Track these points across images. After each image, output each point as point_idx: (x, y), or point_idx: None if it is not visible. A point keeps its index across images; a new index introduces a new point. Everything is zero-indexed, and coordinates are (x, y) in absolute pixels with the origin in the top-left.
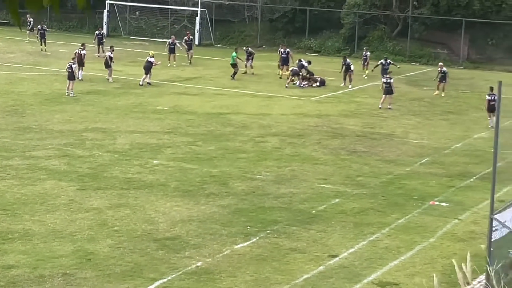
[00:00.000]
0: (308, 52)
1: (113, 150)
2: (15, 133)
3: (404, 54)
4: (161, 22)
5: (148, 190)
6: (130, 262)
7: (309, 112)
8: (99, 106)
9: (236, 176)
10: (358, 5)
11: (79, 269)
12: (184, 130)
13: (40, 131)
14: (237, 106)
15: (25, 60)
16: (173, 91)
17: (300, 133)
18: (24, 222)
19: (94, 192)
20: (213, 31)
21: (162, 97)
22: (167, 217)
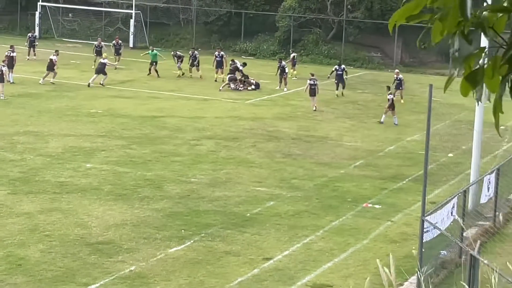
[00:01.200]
0: (243, 55)
1: (45, 153)
2: None
3: (339, 58)
4: (95, 24)
5: (81, 194)
6: (62, 267)
7: (244, 115)
8: (30, 109)
9: (171, 179)
10: (293, 8)
11: (9, 274)
12: (119, 133)
13: None
14: (172, 109)
15: None
16: (107, 94)
17: (235, 136)
18: None
19: (26, 196)
20: (148, 33)
21: (96, 100)
22: (100, 221)
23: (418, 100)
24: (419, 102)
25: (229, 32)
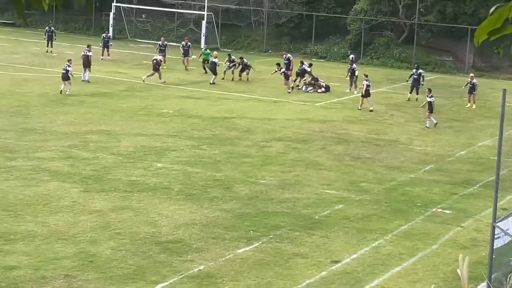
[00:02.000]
0: (314, 58)
1: (117, 152)
2: (19, 134)
3: (410, 61)
4: (167, 25)
5: (152, 193)
6: (132, 264)
7: (314, 117)
8: (104, 108)
9: (240, 180)
10: (364, 11)
11: (81, 271)
12: (189, 134)
13: (44, 132)
14: (242, 110)
15: (30, 61)
16: (179, 95)
17: (304, 139)
18: (26, 223)
19: (98, 194)
20: (219, 35)
21: (167, 100)
22: (170, 220)
23: (490, 105)
24: (491, 107)
25: (300, 34)
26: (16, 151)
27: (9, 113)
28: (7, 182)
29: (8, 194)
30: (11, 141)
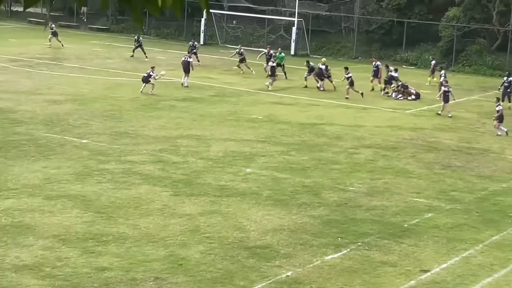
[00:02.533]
0: (404, 65)
1: (207, 157)
2: (112, 137)
3: (503, 69)
4: (258, 31)
5: (241, 198)
6: (221, 269)
7: (403, 125)
8: (194, 113)
9: (329, 187)
10: (457, 18)
11: (171, 274)
12: (278, 140)
13: (136, 136)
14: (331, 117)
15: (123, 66)
16: (268, 101)
17: (394, 146)
18: (118, 226)
19: (187, 198)
20: (309, 41)
21: (257, 106)
22: (258, 225)
23: None
24: None
25: (391, 41)
26: (109, 154)
27: (103, 117)
28: (99, 185)
29: (100, 196)
30: (104, 144)
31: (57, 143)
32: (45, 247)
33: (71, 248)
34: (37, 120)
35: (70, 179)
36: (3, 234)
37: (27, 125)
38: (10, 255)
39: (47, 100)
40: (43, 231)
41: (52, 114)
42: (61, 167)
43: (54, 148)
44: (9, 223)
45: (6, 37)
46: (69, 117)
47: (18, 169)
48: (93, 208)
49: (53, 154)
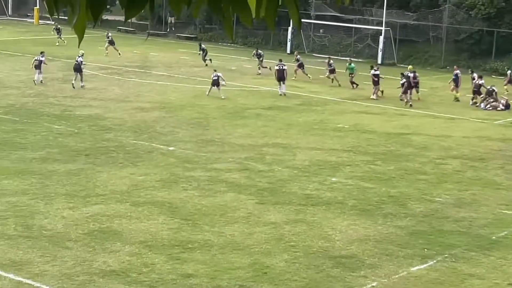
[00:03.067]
0: (493, 75)
1: (292, 166)
2: (198, 145)
3: None
4: (344, 40)
5: (326, 207)
6: (305, 278)
7: (492, 135)
8: (280, 121)
9: (415, 197)
10: None
11: (255, 282)
12: (364, 149)
13: (222, 144)
14: (418, 126)
15: (210, 74)
16: (354, 110)
17: (482, 157)
18: (203, 233)
19: (273, 207)
20: (397, 50)
21: (343, 115)
22: (343, 235)
23: None
24: None
25: (480, 50)
26: (195, 162)
27: (190, 124)
28: (185, 192)
29: (186, 203)
30: (190, 152)
31: (145, 150)
32: (131, 253)
33: (157, 254)
34: (125, 127)
35: (157, 186)
36: (91, 240)
37: (116, 132)
38: (97, 260)
39: (135, 108)
40: (130, 237)
41: (140, 121)
42: (148, 173)
43: (142, 155)
44: (97, 228)
45: (96, 45)
46: (156, 124)
47: (106, 175)
48: (179, 215)
49: (141, 161)
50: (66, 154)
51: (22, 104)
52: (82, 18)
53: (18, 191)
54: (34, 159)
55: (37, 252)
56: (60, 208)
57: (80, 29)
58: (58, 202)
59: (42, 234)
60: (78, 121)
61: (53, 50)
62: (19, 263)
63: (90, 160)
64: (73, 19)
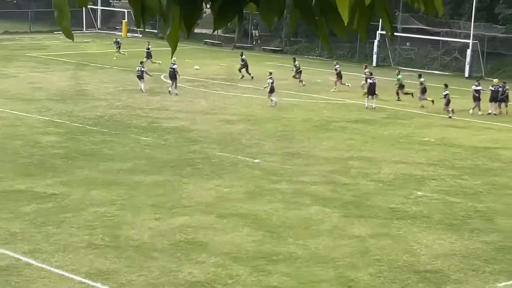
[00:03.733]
0: None
1: (377, 179)
2: (283, 157)
3: None
4: (431, 53)
5: (411, 221)
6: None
7: None
8: (365, 135)
9: (503, 212)
10: None
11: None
12: (450, 163)
13: (307, 157)
14: (506, 140)
15: (296, 87)
16: (441, 123)
17: None
18: (288, 245)
19: (357, 220)
20: (484, 64)
21: (429, 129)
22: (429, 249)
23: None
24: None
25: None
26: (280, 174)
27: (275, 137)
28: (270, 204)
29: (271, 216)
30: (276, 164)
31: (230, 162)
32: (216, 264)
33: (242, 266)
34: (211, 139)
35: (242, 198)
36: (177, 250)
37: (202, 143)
38: (183, 270)
39: (221, 120)
40: (215, 249)
41: (226, 134)
42: (233, 186)
43: (227, 167)
44: (183, 239)
45: (182, 58)
46: (242, 136)
47: (192, 187)
48: (264, 227)
49: (226, 173)
50: (153, 165)
51: (110, 115)
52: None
53: (106, 201)
54: (121, 170)
55: (124, 262)
56: (146, 218)
57: (174, 40)
58: (144, 213)
59: (129, 244)
60: (165, 133)
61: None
62: (106, 273)
63: (177, 171)
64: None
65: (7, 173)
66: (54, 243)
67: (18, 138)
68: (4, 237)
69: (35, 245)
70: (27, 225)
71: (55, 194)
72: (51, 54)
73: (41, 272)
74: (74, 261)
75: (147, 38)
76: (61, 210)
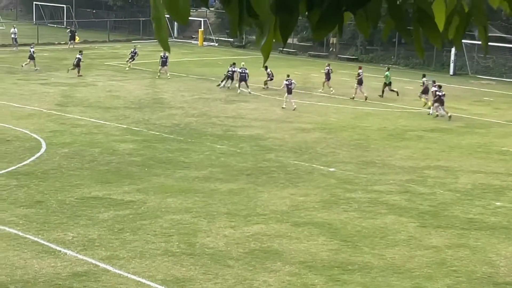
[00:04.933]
0: None
1: (455, 189)
2: (358, 166)
3: None
4: (510, 61)
5: (490, 232)
6: None
7: None
8: (442, 144)
9: None
10: None
11: None
12: None
13: (383, 166)
14: None
15: (371, 95)
16: None
17: None
18: (363, 255)
19: (434, 230)
20: None
21: (508, 138)
22: (508, 261)
23: None
24: None
25: None
26: (355, 183)
27: (350, 146)
28: (346, 213)
29: (347, 225)
30: (351, 173)
31: (305, 170)
32: (291, 273)
33: (317, 275)
34: (286, 148)
35: (317, 207)
36: (251, 258)
37: (277, 152)
38: (258, 279)
39: (296, 128)
40: (290, 257)
41: (301, 142)
42: (308, 194)
43: (302, 175)
44: (257, 247)
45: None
46: (317, 145)
47: (267, 195)
48: (339, 236)
49: (301, 181)
50: (228, 173)
51: (186, 124)
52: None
53: (181, 209)
54: (197, 178)
55: (199, 269)
56: (222, 226)
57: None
58: (220, 220)
59: (205, 252)
60: (240, 141)
61: (215, 70)
62: (182, 280)
63: (252, 179)
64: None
65: (85, 180)
66: (131, 250)
67: (96, 145)
68: (83, 243)
69: (112, 252)
70: (104, 232)
71: (132, 201)
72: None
73: (119, 278)
74: (150, 268)
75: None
76: (137, 217)
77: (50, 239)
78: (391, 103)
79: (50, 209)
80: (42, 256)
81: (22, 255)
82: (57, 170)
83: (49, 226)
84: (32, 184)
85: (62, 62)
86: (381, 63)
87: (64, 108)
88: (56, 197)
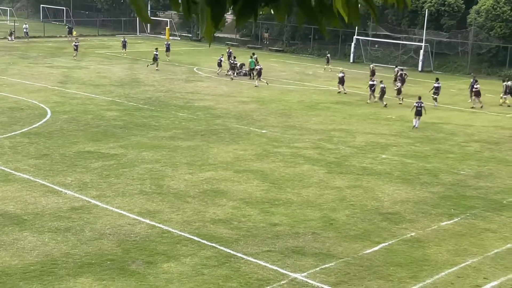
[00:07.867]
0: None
1: (353, 145)
2: (283, 129)
3: None
4: (393, 53)
5: (377, 176)
6: (361, 228)
7: (505, 125)
8: (344, 113)
9: (445, 170)
10: None
11: (324, 230)
12: (406, 134)
13: (301, 129)
14: (448, 118)
15: (293, 77)
16: (398, 106)
17: (497, 141)
18: (286, 193)
19: (338, 175)
20: (433, 61)
21: (393, 109)
22: (390, 197)
23: None
24: None
25: (496, 62)
26: (281, 141)
27: (277, 114)
28: (274, 163)
29: (274, 172)
30: (278, 134)
31: (244, 132)
32: (233, 207)
33: (252, 208)
34: (230, 115)
35: (253, 159)
36: (204, 196)
37: (223, 118)
38: (209, 211)
39: (238, 101)
40: (233, 195)
41: (241, 111)
42: (246, 149)
43: (242, 135)
44: (209, 188)
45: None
46: (253, 113)
47: (216, 150)
48: (269, 180)
49: (241, 140)
50: (187, 134)
51: (156, 97)
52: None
53: (153, 160)
54: (164, 137)
55: (166, 204)
56: (182, 173)
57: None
58: (181, 168)
59: (170, 191)
60: (196, 110)
61: (179, 58)
62: (152, 212)
63: (205, 138)
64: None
65: (80, 139)
66: (115, 190)
67: (89, 113)
68: (79, 185)
69: (101, 191)
70: (95, 177)
71: (116, 154)
72: (113, 52)
73: (106, 211)
74: (129, 203)
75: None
76: (120, 166)
77: (54, 182)
78: (307, 83)
79: (54, 160)
80: (48, 195)
81: (33, 194)
82: (59, 131)
83: (53, 173)
84: (40, 141)
85: (63, 51)
86: (301, 53)
87: (64, 85)
88: (59, 151)
